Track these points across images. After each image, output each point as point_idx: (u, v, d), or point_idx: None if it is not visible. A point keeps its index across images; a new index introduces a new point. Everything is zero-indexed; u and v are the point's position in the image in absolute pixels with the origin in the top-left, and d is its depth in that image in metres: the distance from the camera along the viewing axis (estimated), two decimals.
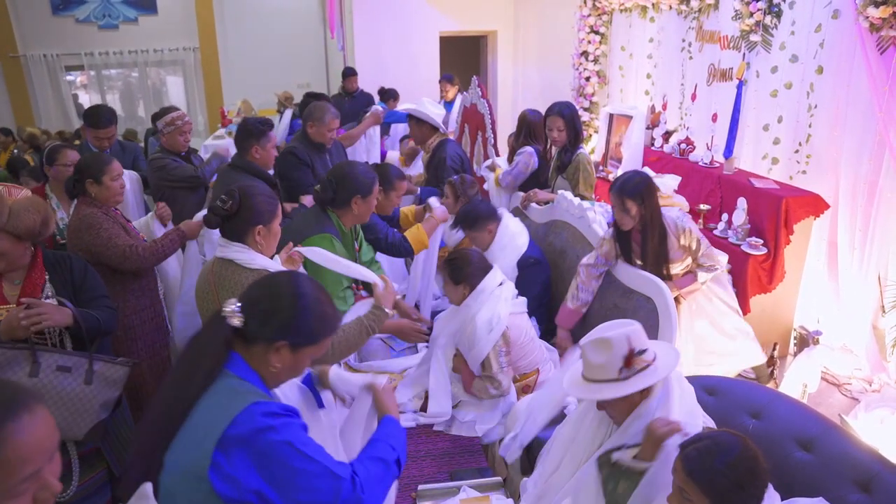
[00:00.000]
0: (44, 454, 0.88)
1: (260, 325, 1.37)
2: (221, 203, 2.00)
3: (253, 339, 1.38)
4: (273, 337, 1.37)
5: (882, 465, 1.75)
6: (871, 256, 3.34)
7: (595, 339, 1.81)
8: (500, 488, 2.21)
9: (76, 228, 2.71)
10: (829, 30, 3.57)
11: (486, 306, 2.60)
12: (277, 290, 1.42)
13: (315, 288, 1.46)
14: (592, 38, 5.93)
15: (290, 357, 1.40)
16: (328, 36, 9.39)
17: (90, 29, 9.15)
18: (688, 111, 4.86)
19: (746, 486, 1.42)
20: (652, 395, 1.79)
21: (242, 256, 2.02)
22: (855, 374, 3.35)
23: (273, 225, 2.10)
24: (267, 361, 1.38)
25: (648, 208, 2.75)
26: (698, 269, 2.89)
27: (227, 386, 1.32)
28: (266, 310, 1.38)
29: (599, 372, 1.78)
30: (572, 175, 3.64)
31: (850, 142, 3.45)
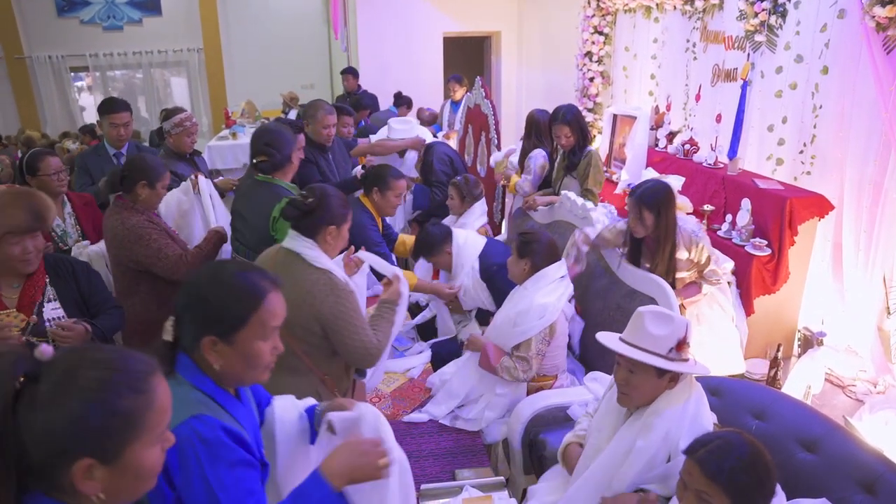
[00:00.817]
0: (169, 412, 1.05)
1: (184, 328, 1.32)
2: (302, 198, 2.10)
3: (189, 348, 1.33)
4: (199, 335, 1.30)
5: (886, 466, 1.75)
6: (875, 258, 3.33)
7: (658, 311, 1.81)
8: (502, 488, 2.20)
9: (124, 238, 2.65)
10: (834, 30, 3.55)
11: (545, 291, 2.63)
12: (191, 288, 1.35)
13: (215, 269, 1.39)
14: (596, 38, 5.92)
15: (228, 350, 1.31)
16: (332, 37, 9.41)
17: (95, 30, 9.18)
18: (692, 112, 4.85)
19: (765, 480, 1.44)
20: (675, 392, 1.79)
21: (310, 253, 2.07)
22: (859, 376, 3.33)
23: (343, 229, 2.17)
24: (207, 362, 1.32)
25: (664, 220, 2.76)
26: (702, 281, 2.91)
27: (176, 392, 1.19)
28: (183, 311, 1.33)
29: (651, 342, 1.76)
30: (583, 171, 3.67)
31: (855, 142, 3.43)
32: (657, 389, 1.78)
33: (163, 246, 2.69)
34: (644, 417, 1.80)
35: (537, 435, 2.44)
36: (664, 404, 1.78)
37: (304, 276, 2.04)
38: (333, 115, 3.74)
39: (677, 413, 1.76)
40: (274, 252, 2.18)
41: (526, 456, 2.54)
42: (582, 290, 3.03)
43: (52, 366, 0.95)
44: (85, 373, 0.95)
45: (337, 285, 2.06)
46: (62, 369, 0.95)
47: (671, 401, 1.77)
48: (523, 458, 2.55)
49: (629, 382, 1.80)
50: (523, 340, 2.58)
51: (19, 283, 2.13)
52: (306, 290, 2.03)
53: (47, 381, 0.94)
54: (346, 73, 7.16)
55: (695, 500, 1.48)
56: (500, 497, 2.13)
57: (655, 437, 1.75)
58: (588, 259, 3.10)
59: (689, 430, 1.74)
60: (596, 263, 3.04)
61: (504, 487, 2.21)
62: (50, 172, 2.93)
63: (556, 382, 2.73)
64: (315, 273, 2.05)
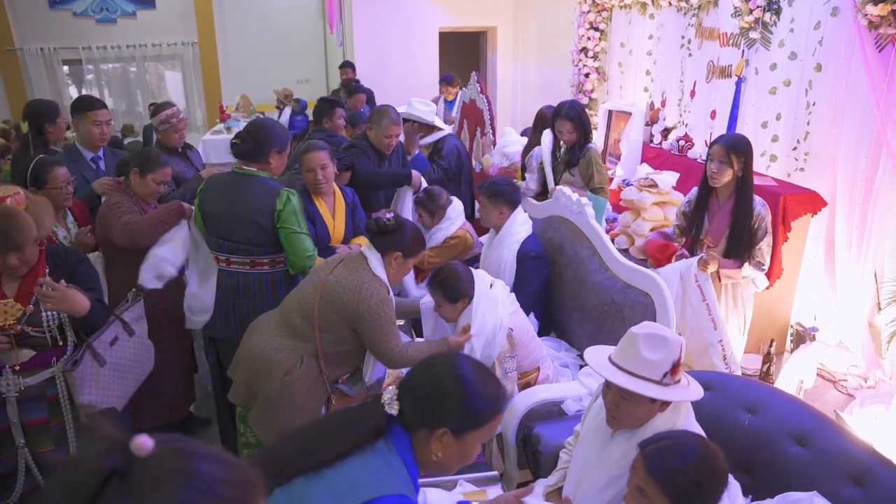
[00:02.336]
0: None
1: (419, 412, 1.33)
2: (386, 218, 2.31)
3: (413, 426, 1.33)
4: (434, 424, 1.31)
5: (876, 459, 1.77)
6: (867, 254, 3.36)
7: (652, 333, 1.70)
8: (496, 482, 2.21)
9: (102, 213, 2.78)
10: (827, 27, 3.57)
11: (485, 315, 2.53)
12: (437, 376, 1.36)
13: (476, 368, 1.40)
14: (592, 34, 5.93)
15: (453, 443, 1.33)
16: (327, 31, 9.38)
17: (87, 23, 9.12)
18: (687, 108, 4.87)
19: (705, 485, 1.43)
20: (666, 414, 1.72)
21: (377, 264, 2.29)
22: (851, 371, 3.37)
23: (409, 261, 2.38)
24: (428, 449, 1.33)
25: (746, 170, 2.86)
26: (749, 261, 2.90)
27: (389, 459, 1.29)
28: (425, 396, 1.33)
29: (644, 368, 1.67)
30: (585, 170, 3.69)
31: (847, 139, 3.46)
32: (648, 414, 1.71)
33: (125, 211, 2.72)
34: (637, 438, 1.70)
35: (532, 429, 2.45)
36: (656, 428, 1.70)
37: (363, 277, 2.26)
38: (399, 126, 3.65)
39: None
40: (350, 252, 2.45)
41: (520, 450, 2.55)
42: (577, 284, 3.05)
43: (144, 466, 0.76)
44: (174, 489, 0.76)
45: (385, 295, 2.28)
46: (152, 476, 0.77)
47: (663, 424, 1.71)
48: (518, 453, 2.57)
49: (619, 407, 1.72)
50: (491, 364, 2.51)
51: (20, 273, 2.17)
52: (360, 285, 2.24)
53: (135, 484, 0.76)
54: (345, 67, 7.15)
55: (636, 495, 1.48)
56: (494, 491, 2.14)
57: None
58: (582, 254, 3.12)
59: None
60: (590, 258, 3.06)
61: (498, 482, 2.22)
62: (59, 185, 2.78)
63: (541, 374, 2.73)
64: (374, 279, 2.26)
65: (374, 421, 1.32)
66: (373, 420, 1.32)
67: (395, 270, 2.35)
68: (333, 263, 2.36)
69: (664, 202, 3.91)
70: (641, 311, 2.65)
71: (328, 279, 2.28)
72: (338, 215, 3.08)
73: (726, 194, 2.95)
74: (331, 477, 1.25)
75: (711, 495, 1.44)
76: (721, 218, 2.97)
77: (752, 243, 2.88)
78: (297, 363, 2.27)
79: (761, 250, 2.89)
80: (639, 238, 3.96)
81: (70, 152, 3.39)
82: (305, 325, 2.29)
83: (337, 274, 2.29)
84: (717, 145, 2.92)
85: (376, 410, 1.34)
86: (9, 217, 2.08)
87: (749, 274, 2.93)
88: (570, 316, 3.12)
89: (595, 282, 2.96)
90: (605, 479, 1.75)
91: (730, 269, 2.91)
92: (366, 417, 1.33)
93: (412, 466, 1.33)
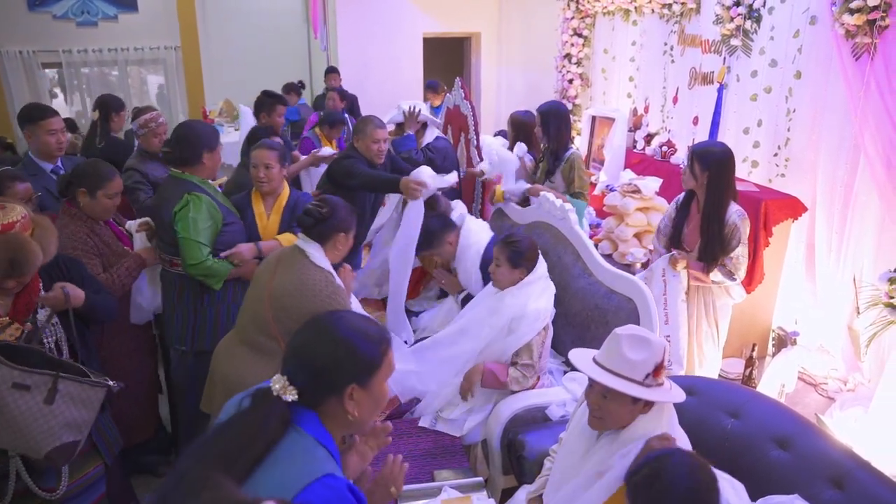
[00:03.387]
0: None
1: (321, 385, 1.31)
2: (318, 207, 2.27)
3: (316, 402, 1.31)
4: (340, 387, 1.31)
5: (855, 462, 1.79)
6: (846, 258, 3.40)
7: (636, 334, 1.72)
8: (481, 489, 2.21)
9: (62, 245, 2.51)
10: (806, 36, 3.63)
11: (536, 295, 2.65)
12: (322, 345, 1.33)
13: (349, 318, 1.40)
14: (575, 40, 5.97)
15: (364, 395, 1.34)
16: (311, 36, 9.35)
17: (68, 26, 9.00)
18: (669, 114, 4.91)
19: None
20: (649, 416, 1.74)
21: (315, 253, 2.25)
22: (831, 374, 3.41)
23: (350, 235, 2.36)
24: (342, 412, 1.32)
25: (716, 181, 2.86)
26: (717, 266, 2.91)
27: (302, 446, 1.26)
28: (319, 368, 1.31)
29: (627, 367, 1.69)
30: (567, 174, 3.69)
31: (827, 146, 3.50)
32: (631, 415, 1.72)
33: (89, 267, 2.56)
34: (620, 442, 1.73)
35: (516, 435, 2.45)
36: (639, 431, 1.72)
37: (307, 272, 2.22)
38: (384, 130, 3.60)
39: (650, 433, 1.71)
40: (283, 249, 2.39)
41: (505, 456, 2.55)
42: (561, 290, 3.05)
43: None
44: None
45: (334, 284, 2.25)
46: None
47: (645, 426, 1.72)
48: (502, 459, 2.56)
49: (601, 407, 1.73)
50: (523, 346, 2.60)
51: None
52: (306, 282, 2.20)
53: None
54: (331, 73, 7.12)
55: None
56: (478, 498, 2.14)
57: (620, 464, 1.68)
58: (566, 260, 3.13)
59: None
60: (574, 263, 3.07)
61: (483, 488, 2.22)
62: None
63: (539, 383, 2.74)
64: (317, 271, 2.22)
65: (274, 416, 1.26)
66: (273, 416, 1.26)
67: (340, 251, 2.33)
68: (270, 269, 2.29)
69: (647, 207, 3.94)
70: (625, 316, 2.66)
71: (272, 288, 2.23)
72: (273, 216, 2.98)
73: (703, 201, 2.96)
74: (251, 490, 1.18)
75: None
76: (696, 224, 3.00)
77: (725, 252, 2.88)
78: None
79: (734, 260, 2.88)
80: (622, 243, 3.98)
81: (27, 166, 3.18)
82: (269, 341, 2.24)
83: (278, 280, 2.23)
84: (690, 150, 3.00)
85: (274, 404, 1.27)
86: (18, 247, 2.00)
87: (717, 279, 2.93)
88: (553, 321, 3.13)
89: (578, 287, 2.97)
90: (587, 481, 1.75)
91: (698, 270, 2.94)
92: (265, 417, 1.26)
93: (327, 441, 1.30)
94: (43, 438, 1.94)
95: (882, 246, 3.24)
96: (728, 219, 2.88)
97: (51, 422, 1.95)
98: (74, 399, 2.00)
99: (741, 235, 2.87)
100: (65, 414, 1.97)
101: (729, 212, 2.89)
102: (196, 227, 2.63)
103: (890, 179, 3.03)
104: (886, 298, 2.93)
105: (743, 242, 2.88)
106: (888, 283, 2.93)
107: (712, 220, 2.89)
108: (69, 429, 2.00)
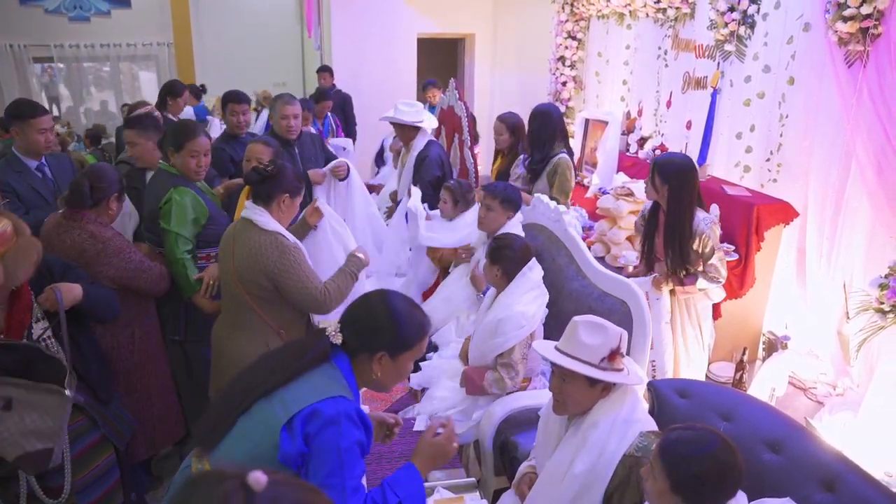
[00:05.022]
0: None
1: (360, 340, 1.59)
2: (264, 166, 2.37)
3: (354, 352, 1.60)
4: (374, 349, 1.58)
5: (845, 465, 1.80)
6: (837, 264, 3.43)
7: (592, 321, 1.84)
8: (474, 489, 2.21)
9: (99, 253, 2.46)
10: (800, 42, 3.65)
11: (526, 299, 2.65)
12: (373, 310, 1.62)
13: (404, 300, 1.67)
14: (570, 43, 5.99)
15: (390, 364, 1.60)
16: (305, 34, 9.32)
17: (60, 20, 8.94)
18: (663, 118, 4.93)
19: (706, 481, 1.46)
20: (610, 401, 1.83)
21: (260, 219, 2.32)
22: (820, 379, 3.43)
23: (295, 201, 2.44)
24: (369, 369, 1.60)
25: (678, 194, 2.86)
26: (700, 275, 2.92)
27: (329, 373, 1.55)
28: (364, 328, 1.60)
29: (583, 351, 1.80)
30: (551, 177, 3.67)
31: (819, 152, 3.53)
32: (590, 398, 1.82)
33: (143, 259, 2.62)
34: (582, 431, 1.82)
35: (509, 436, 2.45)
36: (600, 415, 1.81)
37: (255, 238, 2.30)
38: (294, 106, 3.62)
39: (610, 422, 1.80)
40: (233, 225, 2.47)
41: (497, 457, 2.55)
42: (555, 292, 3.05)
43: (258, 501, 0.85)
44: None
45: (282, 244, 2.32)
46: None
47: (606, 410, 1.81)
48: (495, 460, 2.56)
49: (562, 391, 1.84)
50: (506, 350, 2.59)
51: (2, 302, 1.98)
52: (255, 249, 2.29)
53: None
54: (323, 72, 7.09)
55: (647, 470, 1.55)
56: (471, 498, 2.13)
57: (590, 457, 1.77)
58: (560, 262, 3.13)
59: (619, 434, 1.79)
60: (568, 265, 3.07)
61: (476, 489, 2.22)
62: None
63: (531, 385, 2.74)
64: (264, 235, 2.31)
65: (320, 348, 1.57)
66: (319, 347, 1.57)
67: (284, 213, 2.40)
68: (229, 247, 2.37)
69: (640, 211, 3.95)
70: (618, 318, 2.67)
71: (234, 264, 2.34)
72: None
73: (666, 213, 2.95)
74: (283, 394, 1.50)
75: (711, 493, 1.47)
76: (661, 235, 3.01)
77: (694, 262, 2.89)
78: (265, 347, 2.27)
79: (713, 266, 2.90)
80: (615, 246, 3.99)
81: (11, 163, 3.11)
82: (249, 316, 2.37)
83: (237, 254, 2.33)
84: (652, 161, 2.97)
85: (322, 339, 1.59)
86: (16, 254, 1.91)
87: (705, 286, 2.96)
88: (546, 323, 3.13)
89: (572, 289, 2.97)
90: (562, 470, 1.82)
91: (686, 284, 2.95)
92: (313, 345, 1.58)
93: (350, 380, 1.58)
94: (7, 445, 1.88)
95: (872, 252, 3.26)
96: (696, 228, 2.87)
97: (11, 429, 1.88)
98: (35, 406, 1.92)
99: (713, 243, 2.88)
100: (25, 421, 1.90)
101: (696, 221, 2.88)
102: (178, 220, 2.69)
103: (881, 186, 3.06)
104: (876, 304, 2.95)
105: (717, 248, 2.90)
106: (878, 289, 2.95)
107: (676, 232, 2.89)
108: (37, 436, 1.93)
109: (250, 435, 1.48)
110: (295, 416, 1.45)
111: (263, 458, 1.44)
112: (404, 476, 1.59)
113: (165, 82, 5.00)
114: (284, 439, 1.44)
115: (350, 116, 6.93)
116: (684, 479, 1.45)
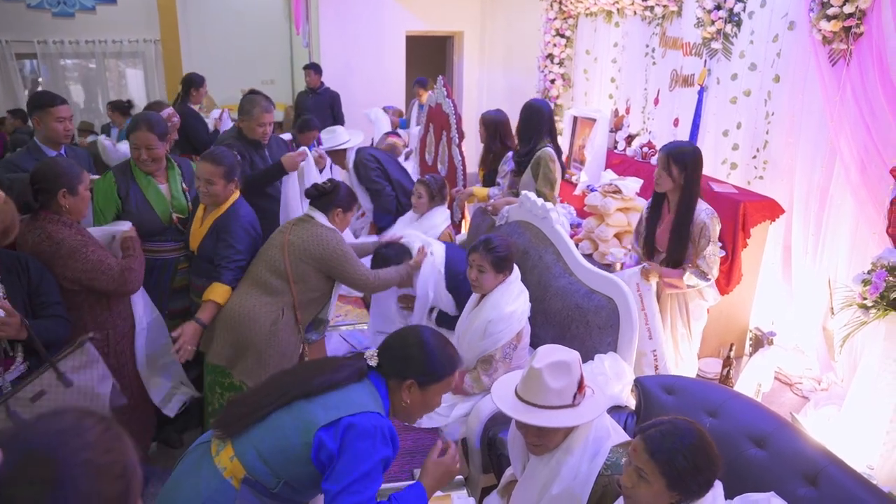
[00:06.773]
0: None
1: (393, 365, 1.73)
2: (324, 185, 2.78)
3: (388, 376, 1.73)
4: (405, 376, 1.71)
5: (829, 459, 1.82)
6: (822, 260, 3.46)
7: (554, 363, 1.80)
8: (461, 487, 2.21)
9: (54, 254, 2.36)
10: (785, 40, 3.68)
11: (511, 298, 2.66)
12: (406, 339, 1.78)
13: (435, 335, 1.80)
14: (558, 41, 5.99)
15: (418, 393, 1.73)
16: (293, 32, 9.28)
17: (43, 16, 8.82)
18: (650, 115, 4.95)
19: (702, 468, 1.48)
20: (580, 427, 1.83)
21: (321, 219, 2.76)
22: (806, 374, 3.46)
23: (348, 214, 2.85)
24: (399, 396, 1.73)
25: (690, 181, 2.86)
26: (690, 269, 2.90)
27: (370, 390, 1.70)
28: (397, 355, 1.74)
29: (555, 397, 1.78)
30: (535, 169, 3.64)
31: (804, 149, 3.56)
32: (566, 431, 1.83)
33: (102, 257, 2.47)
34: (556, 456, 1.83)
35: (496, 434, 2.45)
36: (574, 441, 1.81)
37: (318, 229, 2.71)
38: (272, 113, 3.52)
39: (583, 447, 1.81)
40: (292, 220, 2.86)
41: (485, 455, 2.55)
42: (541, 289, 3.06)
43: None
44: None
45: (340, 237, 2.74)
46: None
47: (578, 436, 1.82)
48: (482, 457, 2.57)
49: (540, 436, 1.82)
50: (493, 350, 2.60)
51: None
52: (318, 235, 2.69)
53: None
54: (309, 70, 7.04)
55: (634, 476, 1.53)
56: (458, 496, 2.14)
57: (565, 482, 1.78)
58: (546, 259, 3.14)
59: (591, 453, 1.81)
60: (555, 263, 3.08)
61: (463, 486, 2.22)
62: None
63: None
64: (325, 229, 2.73)
65: (358, 367, 1.72)
66: (356, 365, 1.72)
67: (338, 224, 2.80)
68: (286, 231, 2.75)
69: (628, 208, 3.97)
70: (605, 315, 2.68)
71: (290, 239, 2.69)
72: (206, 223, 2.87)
73: (675, 201, 2.95)
74: (324, 399, 1.64)
75: (707, 479, 1.50)
76: (667, 225, 2.99)
77: (695, 252, 2.89)
78: (279, 314, 2.64)
79: (707, 259, 2.87)
80: (602, 243, 4.01)
81: (31, 151, 3.17)
82: (280, 282, 2.66)
83: (295, 233, 2.71)
84: (661, 152, 2.94)
85: (360, 360, 1.75)
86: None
87: (692, 283, 2.90)
88: (533, 320, 3.13)
89: (559, 287, 2.98)
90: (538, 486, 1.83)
91: (672, 277, 2.93)
92: (352, 363, 1.74)
93: (385, 399, 1.72)
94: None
95: (856, 248, 3.29)
96: (697, 217, 2.87)
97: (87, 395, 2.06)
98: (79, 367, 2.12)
99: (710, 234, 2.86)
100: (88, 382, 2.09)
101: (697, 210, 2.89)
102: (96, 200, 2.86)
103: (864, 183, 3.09)
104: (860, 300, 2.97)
105: (713, 241, 2.88)
106: (861, 285, 2.97)
107: (685, 221, 2.88)
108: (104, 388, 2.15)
109: (283, 429, 1.62)
110: (338, 420, 1.59)
111: (290, 451, 1.60)
112: (411, 495, 1.69)
113: (185, 75, 5.32)
114: (325, 439, 1.57)
115: (338, 115, 6.89)
116: (682, 472, 1.47)
